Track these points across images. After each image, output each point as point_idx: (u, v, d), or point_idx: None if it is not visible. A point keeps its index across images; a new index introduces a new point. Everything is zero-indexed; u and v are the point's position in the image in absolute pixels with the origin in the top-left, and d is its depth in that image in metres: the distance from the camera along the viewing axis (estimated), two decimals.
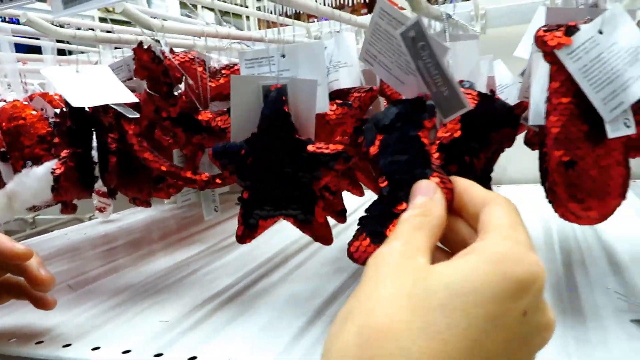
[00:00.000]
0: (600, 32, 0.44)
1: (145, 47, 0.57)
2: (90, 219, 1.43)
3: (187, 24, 0.69)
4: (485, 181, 0.55)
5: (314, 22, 1.44)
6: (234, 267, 0.78)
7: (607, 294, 0.55)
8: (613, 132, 0.43)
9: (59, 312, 0.62)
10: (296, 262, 0.77)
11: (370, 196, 0.73)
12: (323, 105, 0.52)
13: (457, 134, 0.53)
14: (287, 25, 0.80)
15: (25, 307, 0.56)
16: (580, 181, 0.45)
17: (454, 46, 0.56)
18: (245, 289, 0.68)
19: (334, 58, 0.65)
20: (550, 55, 0.44)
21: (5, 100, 0.76)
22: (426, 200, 0.33)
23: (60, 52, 0.86)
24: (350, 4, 3.39)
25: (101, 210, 1.27)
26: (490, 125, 0.53)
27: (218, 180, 0.62)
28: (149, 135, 0.62)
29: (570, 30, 0.44)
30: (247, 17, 1.78)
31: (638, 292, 0.56)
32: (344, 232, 0.66)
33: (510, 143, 0.57)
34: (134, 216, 1.33)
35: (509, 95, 0.70)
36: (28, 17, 0.57)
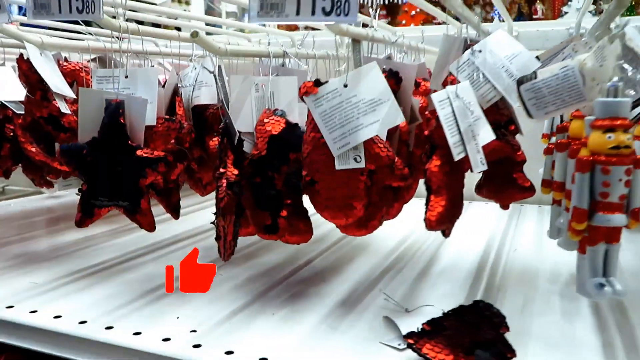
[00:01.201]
0: (345, 86, 0.56)
1: (25, 58, 0.70)
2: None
3: (67, 40, 0.81)
4: (289, 193, 0.67)
5: None
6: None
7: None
8: (340, 165, 0.55)
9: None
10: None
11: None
12: (151, 119, 0.65)
13: (264, 152, 0.65)
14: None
15: None
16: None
17: (276, 80, 0.68)
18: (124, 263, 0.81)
19: (198, 78, 0.78)
20: (301, 99, 0.56)
21: None
22: None
23: None
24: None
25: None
26: (290, 147, 0.65)
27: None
28: (33, 129, 0.75)
29: (318, 82, 0.56)
30: None
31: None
32: None
33: None
34: None
35: None
36: None
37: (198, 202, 1.16)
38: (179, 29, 1.22)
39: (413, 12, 2.38)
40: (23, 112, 0.73)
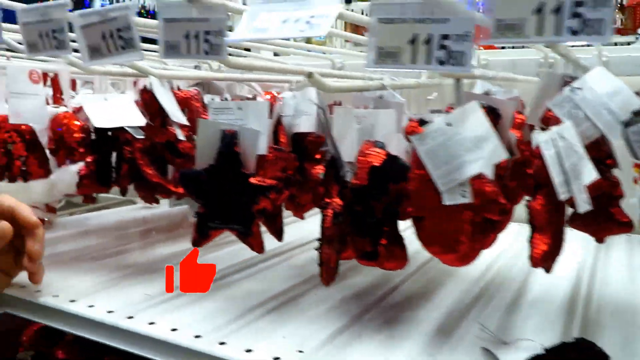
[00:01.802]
0: (449, 125, 0.58)
1: (147, 89, 0.78)
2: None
3: (183, 70, 0.89)
4: (385, 221, 0.70)
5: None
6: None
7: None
8: (447, 201, 0.57)
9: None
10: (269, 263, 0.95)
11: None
12: (263, 148, 0.70)
13: (365, 182, 0.69)
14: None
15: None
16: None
17: (376, 113, 0.72)
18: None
19: (298, 107, 0.82)
20: (407, 138, 0.59)
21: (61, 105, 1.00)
22: None
23: None
24: None
25: None
26: (390, 179, 0.68)
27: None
28: (151, 152, 0.82)
29: (423, 122, 0.59)
30: None
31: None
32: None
33: None
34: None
35: None
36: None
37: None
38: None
39: None
40: (142, 137, 0.81)
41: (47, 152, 0.95)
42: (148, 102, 0.78)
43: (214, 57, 0.62)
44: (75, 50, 0.75)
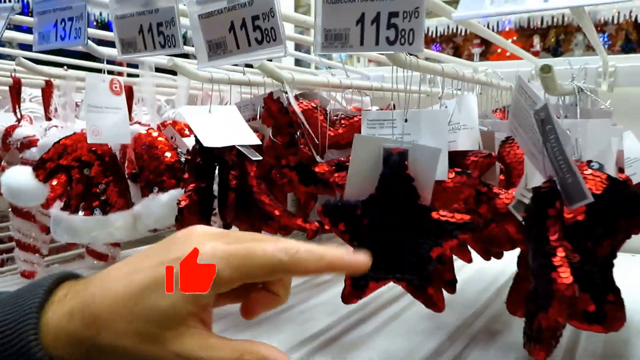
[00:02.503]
0: None
1: (275, 97, 0.61)
2: None
3: (313, 76, 0.72)
4: (607, 268, 0.52)
5: None
6: (331, 307, 0.78)
7: None
8: None
9: None
10: (393, 311, 0.77)
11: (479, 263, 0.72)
12: (442, 172, 0.52)
13: (580, 217, 0.51)
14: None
15: None
16: None
17: (584, 124, 0.54)
18: (339, 336, 0.68)
19: (453, 119, 0.65)
20: None
21: (140, 123, 0.84)
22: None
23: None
24: (462, 33, 3.32)
25: None
26: (619, 212, 0.51)
27: (327, 228, 0.63)
28: (267, 176, 0.65)
29: None
30: None
31: None
32: None
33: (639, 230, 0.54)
34: None
35: (637, 170, 0.66)
36: (175, 61, 0.62)
37: None
38: None
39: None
40: (259, 159, 0.63)
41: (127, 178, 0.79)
42: (275, 114, 0.61)
43: (170, 50, 0.58)
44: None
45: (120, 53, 0.64)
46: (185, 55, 0.85)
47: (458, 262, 0.67)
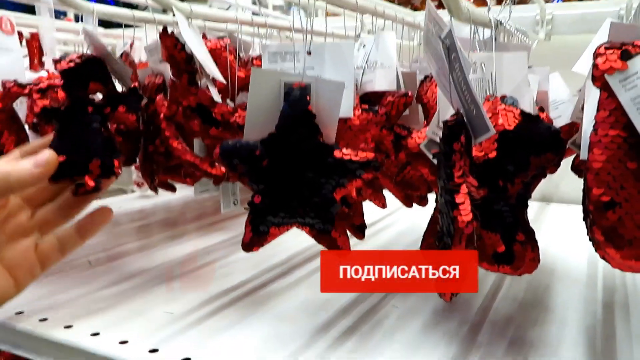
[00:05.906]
0: None
1: (170, 32, 0.55)
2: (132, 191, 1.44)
3: (219, 11, 0.66)
4: (519, 208, 0.50)
5: None
6: (251, 262, 0.75)
7: None
8: None
9: (71, 288, 0.64)
10: (315, 265, 0.74)
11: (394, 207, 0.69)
12: (347, 109, 0.48)
13: (492, 154, 0.48)
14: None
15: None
16: (621, 226, 0.39)
17: (500, 57, 0.51)
18: (257, 289, 0.65)
19: (371, 57, 0.61)
20: (599, 80, 0.38)
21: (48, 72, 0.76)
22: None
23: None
24: None
25: (139, 185, 1.28)
26: (530, 149, 0.48)
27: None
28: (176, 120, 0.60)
29: (627, 54, 0.38)
30: None
31: None
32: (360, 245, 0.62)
33: (554, 169, 0.51)
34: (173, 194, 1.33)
35: (562, 113, 0.64)
36: None
37: None
38: None
39: None
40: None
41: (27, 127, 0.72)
42: (171, 50, 0.55)
43: None
44: None
45: None
46: None
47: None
